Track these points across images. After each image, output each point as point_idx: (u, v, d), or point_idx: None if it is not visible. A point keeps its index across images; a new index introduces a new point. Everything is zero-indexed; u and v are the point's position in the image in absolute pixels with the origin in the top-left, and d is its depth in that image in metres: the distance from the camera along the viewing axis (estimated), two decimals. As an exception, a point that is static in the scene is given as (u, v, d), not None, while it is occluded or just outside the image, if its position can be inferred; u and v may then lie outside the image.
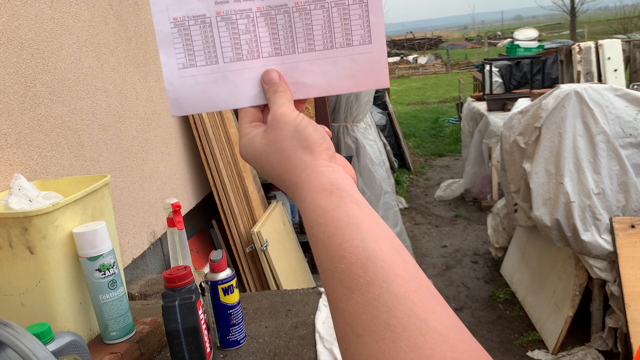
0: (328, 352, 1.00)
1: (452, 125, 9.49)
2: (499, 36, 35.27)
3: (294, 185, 0.47)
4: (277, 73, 0.54)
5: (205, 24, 0.53)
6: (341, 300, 0.38)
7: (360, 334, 0.35)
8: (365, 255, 0.38)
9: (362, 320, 0.36)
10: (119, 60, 1.76)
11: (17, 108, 1.22)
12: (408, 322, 0.34)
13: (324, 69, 0.54)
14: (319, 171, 0.46)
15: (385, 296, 0.36)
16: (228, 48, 0.54)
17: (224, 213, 2.40)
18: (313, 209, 0.44)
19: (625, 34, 21.35)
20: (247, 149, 0.52)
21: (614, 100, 2.57)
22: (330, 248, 0.40)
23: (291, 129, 0.48)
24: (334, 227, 0.41)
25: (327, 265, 0.40)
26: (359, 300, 0.36)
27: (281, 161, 0.48)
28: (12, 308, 0.88)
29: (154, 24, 0.54)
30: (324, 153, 0.48)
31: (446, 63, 21.07)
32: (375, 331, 0.35)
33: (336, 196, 0.43)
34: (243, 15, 0.53)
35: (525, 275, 3.29)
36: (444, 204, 5.49)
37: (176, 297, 0.91)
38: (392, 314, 0.35)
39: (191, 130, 2.37)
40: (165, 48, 0.54)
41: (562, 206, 2.52)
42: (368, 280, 0.37)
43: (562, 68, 4.73)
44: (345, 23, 0.53)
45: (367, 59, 0.54)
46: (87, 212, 0.95)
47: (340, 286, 0.38)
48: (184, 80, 0.54)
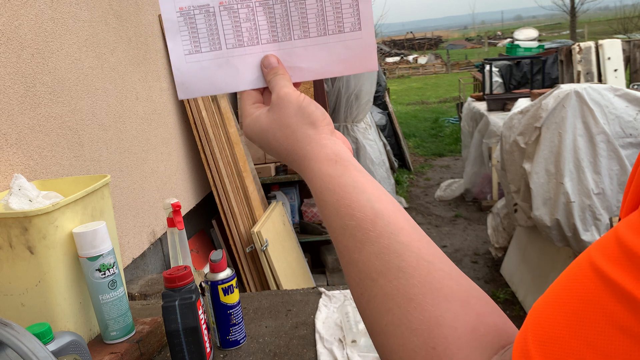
0: (328, 352, 1.00)
1: (452, 125, 9.49)
2: (499, 36, 35.27)
3: (300, 157, 0.51)
4: (275, 58, 0.58)
5: (209, 13, 0.57)
6: (354, 252, 0.42)
7: (375, 277, 0.40)
8: (373, 213, 0.43)
9: (375, 266, 0.40)
10: (119, 60, 1.76)
11: (17, 108, 1.22)
12: (417, 264, 0.39)
13: (318, 54, 0.59)
14: (323, 143, 0.50)
15: (394, 245, 0.41)
16: (230, 35, 0.58)
17: (224, 213, 2.40)
18: (321, 177, 0.48)
19: (625, 34, 21.35)
20: (252, 128, 0.55)
21: (614, 100, 2.57)
22: (341, 209, 0.45)
23: (295, 107, 0.53)
24: (342, 190, 0.46)
25: (337, 224, 0.45)
26: (370, 250, 0.41)
27: (287, 136, 0.52)
28: (12, 308, 0.88)
29: (161, 12, 0.57)
30: (326, 128, 0.52)
31: (446, 63, 21.07)
32: (388, 274, 0.39)
33: (340, 165, 0.48)
34: (243, 5, 0.58)
35: (526, 275, 3.29)
36: (444, 204, 5.49)
37: (176, 297, 0.91)
38: (402, 258, 0.40)
39: (191, 130, 2.37)
40: (172, 35, 0.58)
41: (562, 206, 2.52)
42: (377, 232, 0.42)
43: (562, 68, 4.73)
44: (337, 12, 0.58)
45: (358, 44, 0.58)
46: (87, 212, 0.95)
47: (353, 240, 0.43)
48: (190, 65, 0.58)
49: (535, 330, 0.28)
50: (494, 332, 0.36)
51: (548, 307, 0.29)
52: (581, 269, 0.28)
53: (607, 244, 0.27)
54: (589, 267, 0.27)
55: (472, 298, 0.37)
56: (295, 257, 2.71)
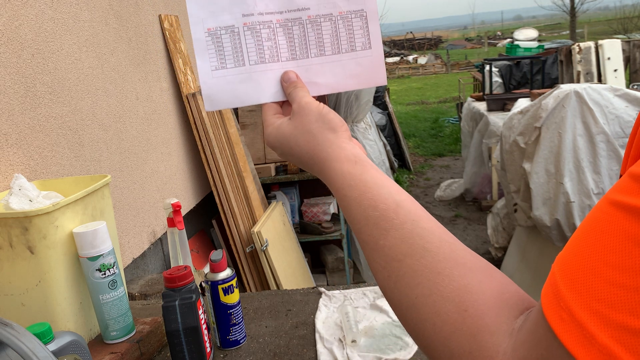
0: (328, 352, 1.00)
1: (452, 125, 9.49)
2: (499, 36, 35.26)
3: (322, 159, 0.55)
4: (294, 73, 0.64)
5: (234, 33, 0.63)
6: (379, 239, 0.46)
7: (402, 259, 0.43)
8: (395, 203, 0.47)
9: (401, 249, 0.44)
10: (119, 61, 1.76)
11: (17, 108, 1.22)
12: (440, 244, 0.43)
13: (333, 70, 0.65)
14: (343, 146, 0.55)
15: (417, 229, 0.45)
16: (253, 53, 0.64)
17: (224, 213, 2.40)
18: (343, 175, 0.52)
19: (625, 34, 21.35)
20: (274, 136, 0.60)
21: (614, 100, 2.57)
22: (363, 202, 0.49)
23: (316, 114, 0.57)
24: (364, 186, 0.50)
25: (361, 216, 0.48)
26: (396, 235, 0.45)
27: (309, 141, 0.56)
28: (12, 308, 0.89)
29: (192, 33, 0.63)
30: (345, 133, 0.57)
31: (446, 63, 21.07)
32: (415, 254, 0.43)
33: (360, 165, 0.52)
34: (265, 26, 0.63)
35: (525, 275, 3.29)
36: (444, 204, 5.49)
37: (176, 297, 0.91)
38: (426, 240, 0.43)
39: (191, 130, 2.37)
40: (201, 53, 0.63)
41: (562, 206, 2.52)
42: (401, 220, 0.46)
43: (562, 68, 4.73)
44: (349, 32, 0.64)
45: (368, 61, 0.65)
46: (88, 212, 0.96)
47: (377, 228, 0.46)
48: (216, 80, 0.63)
49: (562, 271, 0.31)
50: (517, 297, 0.39)
51: (572, 249, 0.31)
52: (598, 208, 0.31)
53: (621, 183, 0.30)
54: (606, 204, 0.30)
55: (494, 271, 0.41)
56: (295, 257, 2.71)
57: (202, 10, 0.63)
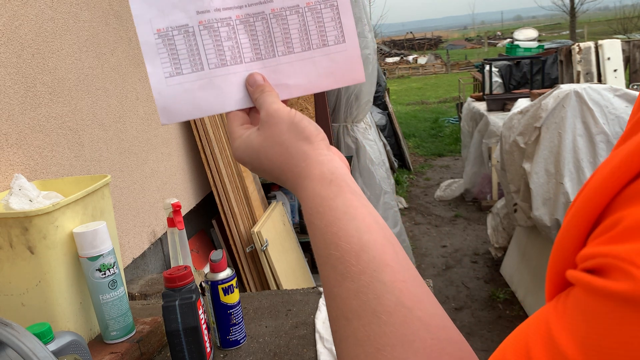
0: (328, 352, 1.00)
1: (452, 125, 9.48)
2: (499, 36, 35.27)
3: (294, 175, 0.49)
4: (260, 76, 0.57)
5: (188, 33, 0.56)
6: (334, 286, 0.40)
7: (350, 318, 0.38)
8: (359, 245, 0.40)
9: (352, 305, 0.38)
10: (120, 61, 1.76)
11: (17, 108, 1.22)
12: (394, 310, 0.36)
13: (305, 69, 0.58)
14: (319, 160, 0.48)
15: (374, 284, 0.38)
16: (212, 55, 0.56)
17: (224, 213, 2.40)
18: (313, 197, 0.45)
19: (625, 34, 21.36)
20: (243, 149, 0.53)
21: (614, 100, 2.57)
22: (327, 236, 0.42)
23: (287, 123, 0.50)
24: (332, 215, 0.43)
25: (323, 251, 0.42)
26: (350, 287, 0.39)
27: (281, 154, 0.50)
28: (12, 308, 0.89)
29: (139, 36, 0.55)
30: (322, 142, 0.50)
31: (446, 63, 21.07)
32: (363, 316, 0.37)
33: (335, 185, 0.45)
34: (224, 24, 0.56)
35: (525, 275, 3.29)
36: (443, 204, 5.49)
37: (176, 297, 0.92)
38: (380, 302, 0.37)
39: (191, 130, 2.37)
40: (151, 58, 0.55)
41: (562, 206, 2.52)
42: (360, 268, 0.39)
43: (562, 68, 4.73)
44: (319, 25, 0.57)
45: (343, 57, 0.58)
46: (88, 212, 0.96)
47: (334, 272, 0.40)
48: (172, 88, 0.56)
49: None
50: None
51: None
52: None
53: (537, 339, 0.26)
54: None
55: (445, 355, 0.35)
56: (295, 257, 2.71)
57: (150, 9, 0.55)
